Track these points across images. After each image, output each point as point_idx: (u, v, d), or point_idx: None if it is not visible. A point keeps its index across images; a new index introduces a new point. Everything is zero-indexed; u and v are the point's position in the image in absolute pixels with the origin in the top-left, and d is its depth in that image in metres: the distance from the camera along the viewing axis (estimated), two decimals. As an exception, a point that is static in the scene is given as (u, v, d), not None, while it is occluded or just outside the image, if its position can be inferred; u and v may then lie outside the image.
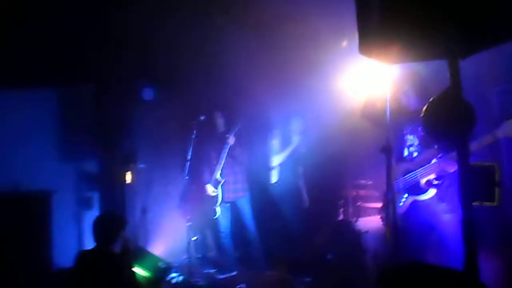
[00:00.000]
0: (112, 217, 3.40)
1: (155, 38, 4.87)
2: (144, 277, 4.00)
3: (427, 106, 1.80)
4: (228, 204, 5.22)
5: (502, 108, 3.90)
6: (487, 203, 2.26)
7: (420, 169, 3.25)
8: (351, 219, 4.82)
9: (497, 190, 2.31)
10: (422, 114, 1.81)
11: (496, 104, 3.97)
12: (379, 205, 4.55)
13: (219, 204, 5.12)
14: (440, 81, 3.44)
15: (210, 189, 5.15)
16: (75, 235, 5.33)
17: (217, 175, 5.10)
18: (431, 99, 1.85)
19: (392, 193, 2.33)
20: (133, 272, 3.35)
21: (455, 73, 1.66)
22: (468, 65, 1.82)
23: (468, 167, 1.59)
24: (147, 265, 4.09)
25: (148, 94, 5.56)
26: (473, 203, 1.59)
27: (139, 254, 4.19)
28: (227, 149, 5.01)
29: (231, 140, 4.98)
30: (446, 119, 1.69)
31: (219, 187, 5.11)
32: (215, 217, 5.14)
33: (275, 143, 5.29)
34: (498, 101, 3.98)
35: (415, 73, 3.37)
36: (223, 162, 5.07)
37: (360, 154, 5.15)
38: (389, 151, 2.45)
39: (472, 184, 1.61)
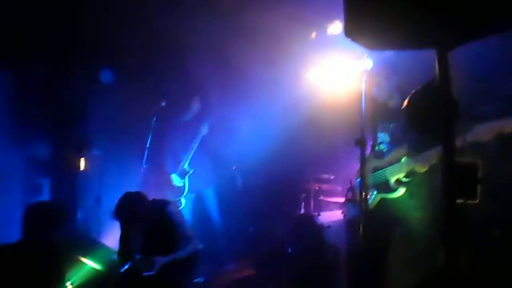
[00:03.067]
0: (53, 206, 2.97)
1: (115, 17, 4.60)
2: (96, 270, 3.77)
3: (410, 97, 1.71)
4: (193, 195, 5.05)
5: (465, 108, 3.92)
6: (469, 201, 2.24)
7: (390, 167, 3.21)
8: (313, 213, 4.77)
9: (479, 187, 2.30)
10: (404, 105, 1.72)
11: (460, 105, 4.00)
12: (341, 200, 4.53)
13: (184, 195, 4.96)
14: (414, 75, 3.44)
15: (176, 179, 4.96)
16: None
17: (185, 165, 4.92)
18: (414, 90, 1.77)
19: (364, 186, 2.26)
20: (60, 277, 2.96)
21: (443, 64, 1.58)
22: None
23: (453, 164, 1.52)
24: (100, 257, 3.86)
25: (106, 76, 5.27)
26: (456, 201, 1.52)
27: (91, 245, 3.95)
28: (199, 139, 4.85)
29: (205, 130, 4.81)
30: (431, 112, 1.61)
31: (186, 177, 4.94)
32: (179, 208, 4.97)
33: None
34: (462, 101, 4.01)
35: (391, 65, 3.31)
36: (193, 151, 4.90)
37: (324, 148, 5.13)
38: (363, 144, 2.36)
39: (455, 182, 1.54)
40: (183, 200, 4.97)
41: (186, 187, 4.94)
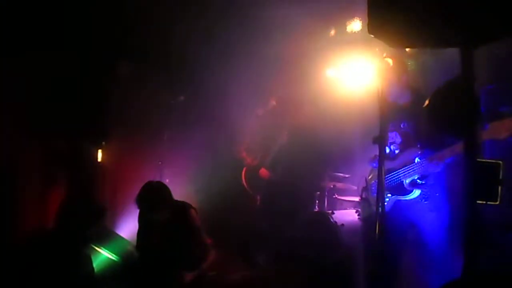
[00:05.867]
0: (91, 203, 3.05)
1: (135, 8, 4.61)
2: (111, 260, 3.81)
3: (432, 97, 1.69)
4: None
5: (487, 108, 3.87)
6: (490, 202, 2.20)
7: (403, 169, 3.17)
8: (327, 211, 4.75)
9: (500, 188, 2.26)
10: (425, 104, 1.70)
11: (482, 105, 3.95)
12: (356, 199, 4.51)
13: None
14: (425, 74, 3.40)
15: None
16: (39, 214, 5.05)
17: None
18: (427, 88, 1.75)
19: (382, 187, 2.24)
20: (91, 268, 3.04)
21: (467, 63, 1.55)
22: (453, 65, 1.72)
23: (475, 164, 1.50)
24: (115, 248, 3.90)
25: (125, 69, 5.30)
26: (477, 202, 1.50)
27: (107, 236, 3.99)
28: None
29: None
30: (453, 111, 1.59)
31: None
32: None
33: None
34: (484, 102, 3.96)
35: (403, 63, 3.26)
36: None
37: (340, 146, 5.11)
38: (382, 141, 2.33)
39: (476, 182, 1.52)
40: None
41: None
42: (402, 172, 3.17)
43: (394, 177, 3.21)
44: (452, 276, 1.76)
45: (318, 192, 5.10)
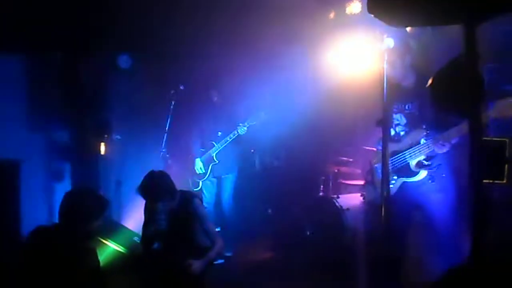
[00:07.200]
0: (94, 196, 3.00)
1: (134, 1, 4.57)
2: (118, 252, 3.83)
3: (436, 76, 1.65)
4: (215, 179, 5.11)
5: (491, 87, 3.82)
6: (497, 181, 2.17)
7: (409, 150, 3.14)
8: (332, 196, 4.74)
9: (506, 167, 2.22)
10: (429, 84, 1.66)
11: (485, 83, 3.89)
12: (361, 182, 4.49)
13: (205, 179, 5.02)
14: (429, 56, 3.34)
15: (198, 164, 5.01)
16: (44, 208, 5.08)
17: (214, 154, 4.96)
18: (430, 68, 1.71)
19: (386, 169, 2.22)
20: (97, 262, 3.00)
21: (470, 40, 1.51)
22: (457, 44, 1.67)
23: (480, 143, 1.47)
24: (122, 240, 3.92)
25: (124, 61, 5.28)
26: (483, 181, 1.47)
27: (113, 228, 4.01)
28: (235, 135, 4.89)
29: (243, 130, 4.82)
30: (457, 90, 1.55)
31: (210, 165, 5.00)
32: (197, 189, 5.03)
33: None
34: (487, 80, 3.90)
35: (406, 44, 3.21)
36: (225, 144, 4.93)
37: (343, 131, 5.08)
38: (385, 124, 2.30)
39: (482, 161, 1.49)
40: (200, 183, 5.04)
41: (208, 172, 5.01)
42: (408, 153, 3.14)
43: (400, 159, 3.18)
44: (459, 258, 1.75)
45: (323, 177, 5.09)
